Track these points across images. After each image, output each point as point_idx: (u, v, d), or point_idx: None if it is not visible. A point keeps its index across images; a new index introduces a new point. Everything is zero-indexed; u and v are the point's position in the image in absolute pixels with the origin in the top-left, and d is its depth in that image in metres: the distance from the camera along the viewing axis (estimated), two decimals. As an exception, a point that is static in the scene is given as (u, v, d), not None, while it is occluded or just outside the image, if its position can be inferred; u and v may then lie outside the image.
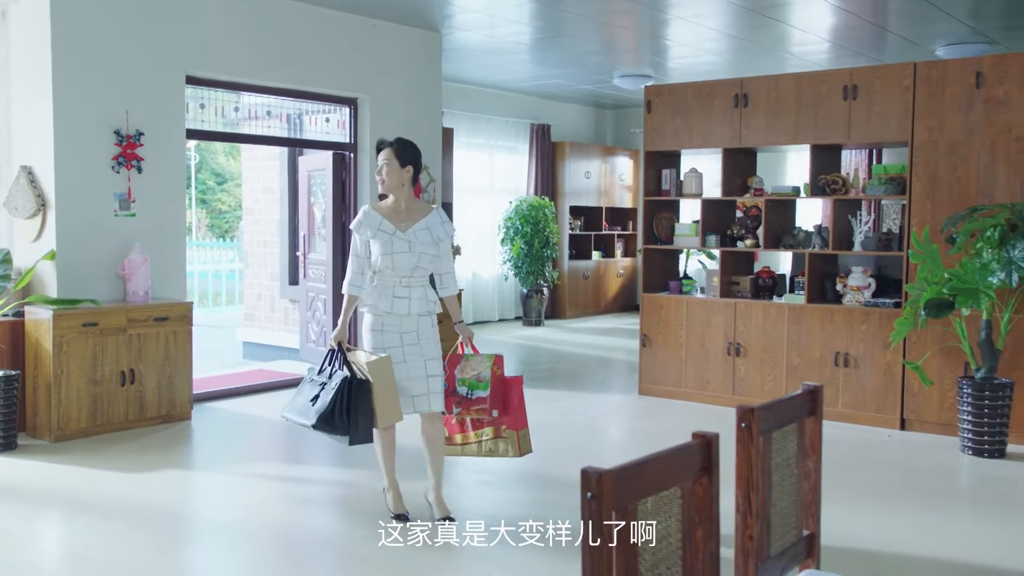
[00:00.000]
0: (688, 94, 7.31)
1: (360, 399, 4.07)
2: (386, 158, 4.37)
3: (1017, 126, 5.89)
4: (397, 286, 4.25)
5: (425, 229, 4.34)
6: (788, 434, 2.47)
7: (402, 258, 4.24)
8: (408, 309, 4.26)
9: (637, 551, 1.78)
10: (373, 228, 4.28)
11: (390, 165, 4.36)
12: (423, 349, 4.29)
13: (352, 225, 4.35)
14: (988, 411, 5.62)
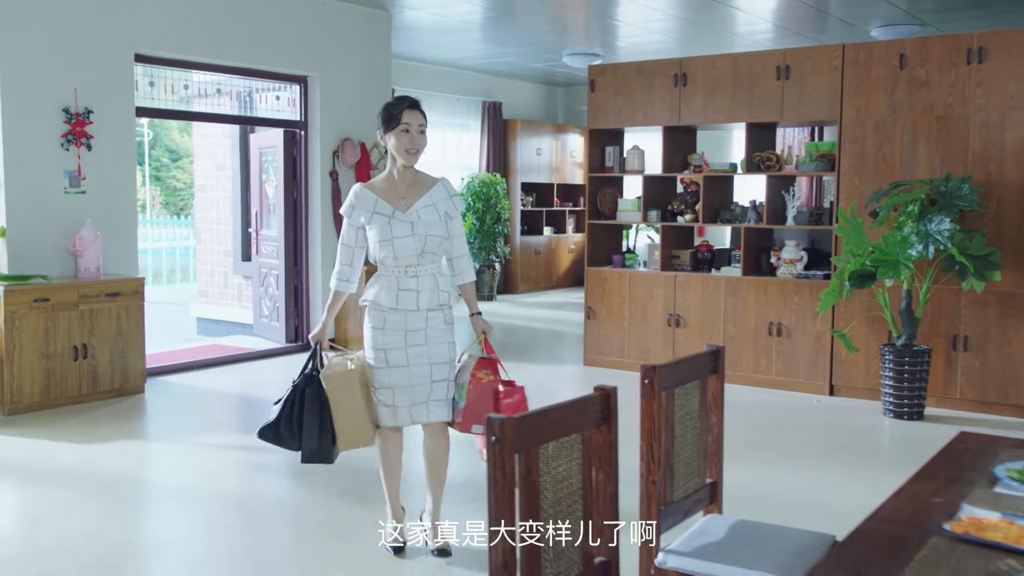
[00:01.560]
0: (630, 73, 7.52)
1: (312, 410, 3.50)
2: (421, 121, 3.58)
3: (937, 106, 6.19)
4: (402, 276, 3.55)
5: (430, 206, 3.59)
6: (691, 390, 2.71)
7: (404, 243, 3.52)
8: (416, 303, 3.56)
9: (539, 489, 2.00)
10: (367, 211, 3.56)
11: (424, 130, 3.60)
12: (430, 351, 3.60)
13: (342, 210, 3.64)
14: (908, 376, 5.94)
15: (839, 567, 1.70)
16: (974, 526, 1.85)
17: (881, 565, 1.71)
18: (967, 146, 6.08)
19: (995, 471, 2.22)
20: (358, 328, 8.21)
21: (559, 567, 2.07)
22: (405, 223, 3.54)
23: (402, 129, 3.52)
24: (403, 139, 3.53)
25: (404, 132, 3.52)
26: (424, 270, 3.57)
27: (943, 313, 6.19)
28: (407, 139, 3.53)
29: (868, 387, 6.46)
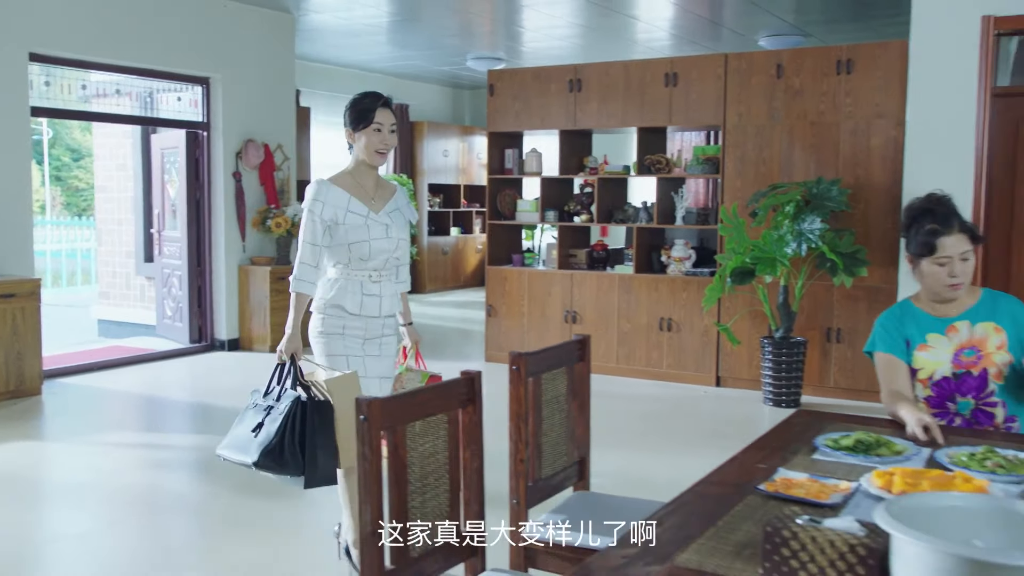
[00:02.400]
0: (528, 79, 7.78)
1: (320, 427, 3.15)
2: (393, 120, 3.41)
3: (811, 113, 6.60)
4: (367, 281, 3.41)
5: (396, 210, 3.50)
6: (558, 376, 2.94)
7: (380, 245, 3.38)
8: (379, 309, 3.44)
9: (406, 464, 2.20)
10: (341, 208, 3.34)
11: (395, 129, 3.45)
12: (382, 364, 3.51)
13: (306, 204, 3.35)
14: (785, 366, 6.33)
15: (659, 520, 1.94)
16: (784, 485, 2.11)
17: (699, 517, 1.96)
18: (838, 151, 6.51)
19: (815, 441, 2.51)
20: (263, 329, 8.29)
21: (427, 536, 2.27)
22: (381, 225, 3.41)
23: (374, 128, 3.34)
24: (374, 138, 3.35)
25: (376, 131, 3.34)
26: (387, 275, 3.47)
27: (817, 307, 6.61)
28: (378, 139, 3.35)
29: (751, 378, 6.84)
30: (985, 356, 2.78)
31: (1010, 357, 2.77)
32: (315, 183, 3.38)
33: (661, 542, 1.82)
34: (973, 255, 2.81)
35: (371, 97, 3.36)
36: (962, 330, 2.84)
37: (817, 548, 1.60)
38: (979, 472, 2.20)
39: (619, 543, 1.81)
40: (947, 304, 2.88)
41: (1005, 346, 2.78)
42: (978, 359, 2.79)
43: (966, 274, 2.79)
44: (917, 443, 2.49)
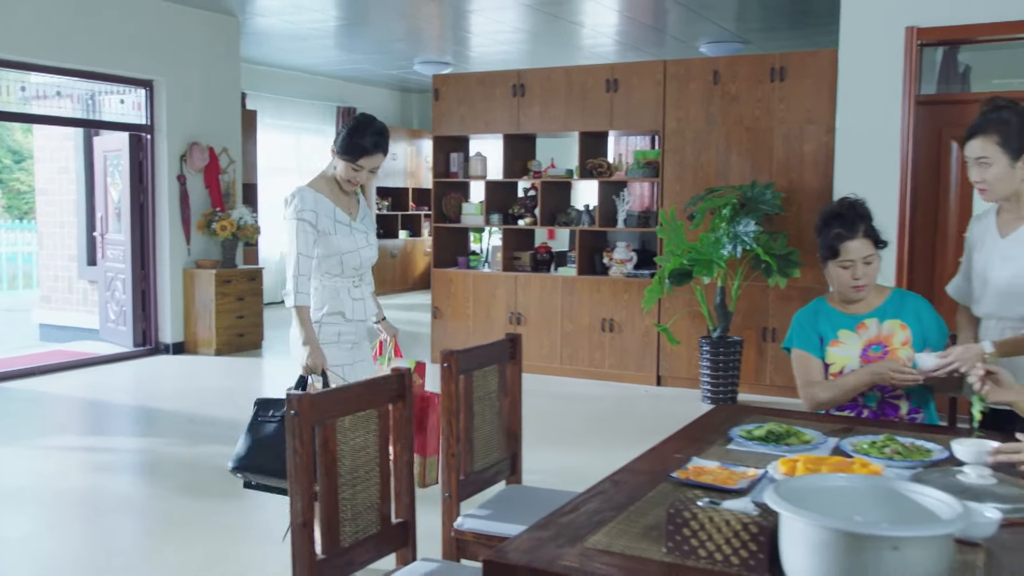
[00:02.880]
0: (472, 83, 7.88)
1: None
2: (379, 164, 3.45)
3: (747, 118, 6.79)
4: (352, 287, 3.50)
5: (367, 216, 3.60)
6: (490, 374, 3.04)
7: (366, 253, 3.50)
8: (365, 313, 3.55)
9: (336, 458, 2.28)
10: (329, 218, 3.37)
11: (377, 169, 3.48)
12: (367, 366, 3.62)
13: (296, 214, 3.33)
14: (722, 365, 6.50)
15: (575, 507, 2.05)
16: (695, 473, 2.24)
17: (614, 504, 2.07)
18: (772, 156, 6.71)
19: (730, 432, 2.64)
20: (208, 332, 8.27)
21: (357, 526, 2.35)
22: (362, 233, 3.49)
23: (354, 167, 3.38)
24: (350, 174, 3.39)
25: (355, 170, 3.39)
26: (365, 280, 3.56)
27: (753, 307, 6.80)
28: (354, 176, 3.40)
29: (690, 376, 7.01)
30: (891, 351, 2.94)
31: (914, 353, 2.93)
32: (301, 192, 3.37)
33: (574, 526, 1.92)
34: (877, 259, 2.97)
35: (372, 141, 3.35)
36: (871, 327, 3.00)
37: (714, 527, 1.72)
38: (878, 458, 2.34)
39: (534, 528, 1.92)
40: (857, 303, 3.03)
41: (910, 342, 2.94)
42: (884, 354, 2.94)
43: (869, 276, 2.95)
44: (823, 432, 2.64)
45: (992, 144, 2.72)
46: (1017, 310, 2.78)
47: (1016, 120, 2.70)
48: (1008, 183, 2.74)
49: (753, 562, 1.68)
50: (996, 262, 2.84)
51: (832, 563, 1.50)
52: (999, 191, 2.77)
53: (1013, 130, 2.70)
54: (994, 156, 2.72)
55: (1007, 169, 2.72)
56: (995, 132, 2.71)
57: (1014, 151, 2.70)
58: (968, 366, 2.60)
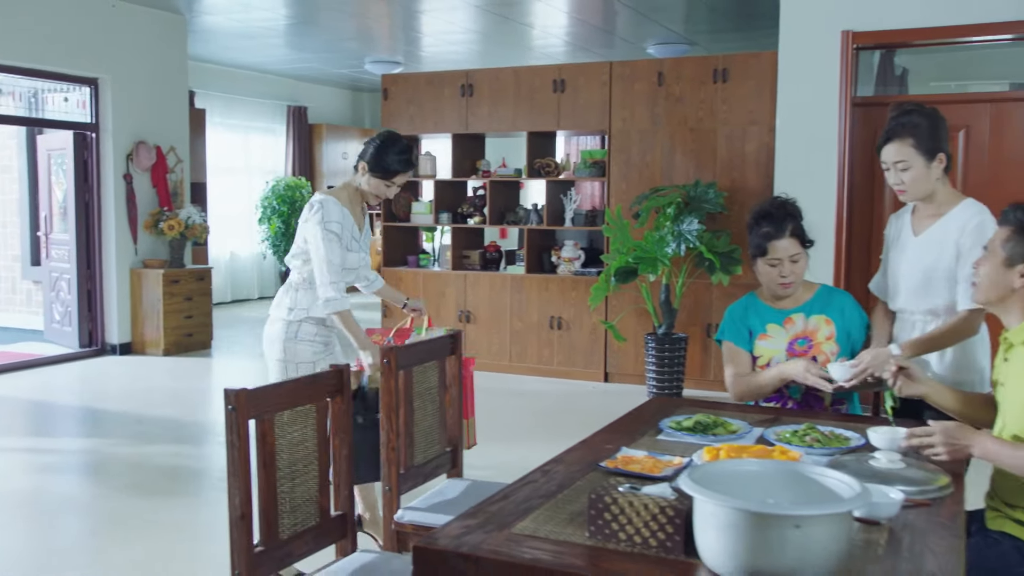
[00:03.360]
0: (421, 83, 7.93)
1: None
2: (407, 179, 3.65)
3: (691, 119, 6.92)
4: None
5: (367, 229, 3.75)
6: (430, 369, 3.10)
7: (366, 263, 3.70)
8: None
9: (274, 451, 2.33)
10: (347, 231, 3.50)
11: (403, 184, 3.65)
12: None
13: (327, 225, 3.41)
14: (668, 361, 6.63)
15: (505, 496, 2.12)
16: (624, 462, 2.32)
17: (543, 492, 2.14)
18: (715, 155, 6.85)
19: (661, 423, 2.73)
20: (156, 332, 8.22)
21: (296, 518, 2.40)
22: (365, 243, 3.66)
23: (387, 184, 3.53)
24: (381, 190, 3.55)
25: (387, 186, 3.54)
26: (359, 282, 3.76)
27: (698, 304, 6.93)
28: (385, 192, 3.56)
29: (636, 373, 7.13)
30: (815, 346, 3.06)
31: (838, 347, 3.05)
32: (331, 204, 3.44)
33: (503, 513, 1.99)
34: (804, 257, 3.07)
35: (403, 159, 3.48)
36: (797, 322, 3.11)
37: (634, 511, 1.81)
38: (798, 446, 2.45)
39: (464, 516, 1.99)
40: (785, 298, 3.14)
41: (834, 337, 3.06)
42: (809, 348, 3.06)
43: (796, 274, 3.05)
44: (749, 422, 2.74)
45: (907, 147, 2.84)
46: (926, 305, 2.91)
47: (926, 122, 2.83)
48: (926, 183, 2.87)
49: (670, 543, 1.77)
50: (909, 259, 2.96)
51: (740, 541, 1.59)
52: (918, 191, 2.89)
53: (924, 132, 2.83)
54: (911, 158, 2.84)
55: (924, 170, 2.85)
56: (909, 135, 2.83)
57: (928, 151, 2.83)
58: (879, 370, 2.72)
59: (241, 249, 12.42)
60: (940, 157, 2.85)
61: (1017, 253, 2.28)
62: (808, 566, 1.57)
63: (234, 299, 12.21)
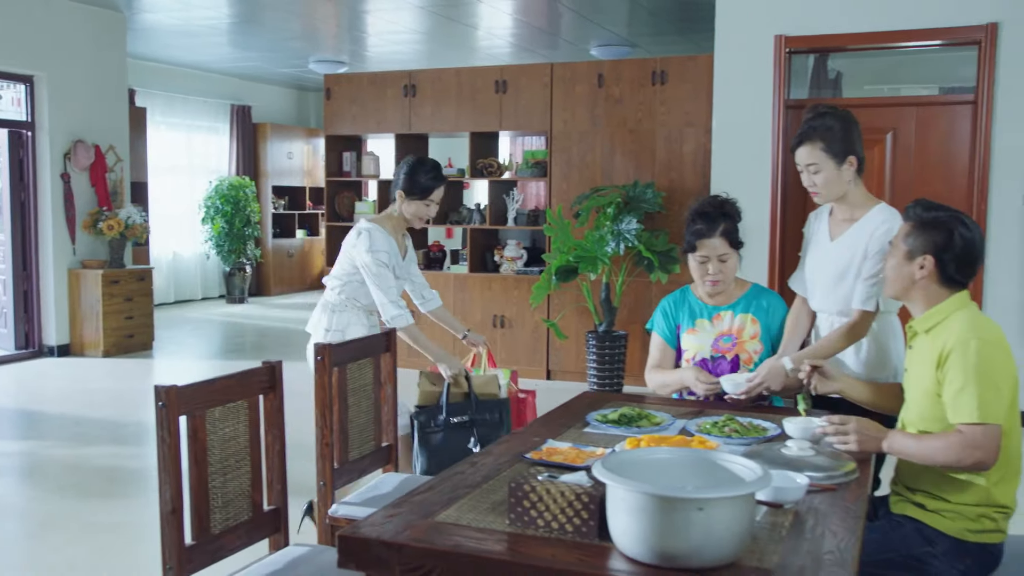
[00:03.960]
0: (363, 83, 7.95)
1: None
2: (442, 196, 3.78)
3: (630, 120, 7.05)
4: (366, 316, 3.84)
5: (411, 256, 3.91)
6: (365, 366, 3.15)
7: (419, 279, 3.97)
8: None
9: (206, 447, 2.36)
10: (394, 260, 3.69)
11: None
12: None
13: (376, 255, 3.60)
14: (608, 358, 6.73)
15: (431, 487, 2.19)
16: (548, 453, 2.39)
17: (469, 483, 2.21)
18: (654, 156, 6.98)
19: (588, 416, 2.81)
20: (95, 334, 8.12)
21: (228, 513, 2.44)
22: (411, 265, 3.86)
23: (426, 203, 3.69)
24: (422, 211, 3.71)
25: (426, 205, 3.69)
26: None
27: (637, 302, 7.06)
28: (426, 212, 3.71)
29: (578, 370, 7.23)
30: (739, 344, 3.16)
31: (761, 347, 3.15)
32: (378, 233, 3.62)
33: (428, 503, 2.06)
34: (734, 257, 3.15)
35: (433, 175, 3.66)
36: (725, 319, 3.21)
37: (551, 499, 1.88)
38: (717, 436, 2.55)
39: (390, 506, 2.04)
40: (717, 295, 3.23)
41: (758, 336, 3.16)
42: (733, 346, 3.16)
43: (724, 273, 3.14)
44: (673, 415, 2.84)
45: (818, 150, 2.91)
46: (839, 307, 3.01)
47: (839, 125, 2.91)
48: (837, 185, 2.96)
49: (585, 528, 1.84)
50: (823, 263, 3.05)
51: (648, 524, 1.67)
52: (829, 193, 2.99)
53: (836, 135, 2.91)
54: (821, 161, 2.92)
55: (834, 172, 2.93)
56: (819, 138, 2.91)
57: (838, 154, 2.91)
58: (775, 384, 2.86)
59: (184, 249, 12.30)
60: (850, 160, 2.90)
61: (917, 246, 2.40)
62: (712, 546, 1.66)
63: (177, 300, 12.09)
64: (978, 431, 2.19)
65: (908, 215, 2.46)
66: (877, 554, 2.30)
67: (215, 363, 8.17)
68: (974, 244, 2.36)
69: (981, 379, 2.21)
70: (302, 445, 3.70)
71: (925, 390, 2.36)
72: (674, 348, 3.25)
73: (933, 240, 2.37)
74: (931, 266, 2.37)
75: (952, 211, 2.40)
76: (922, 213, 2.41)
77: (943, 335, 2.33)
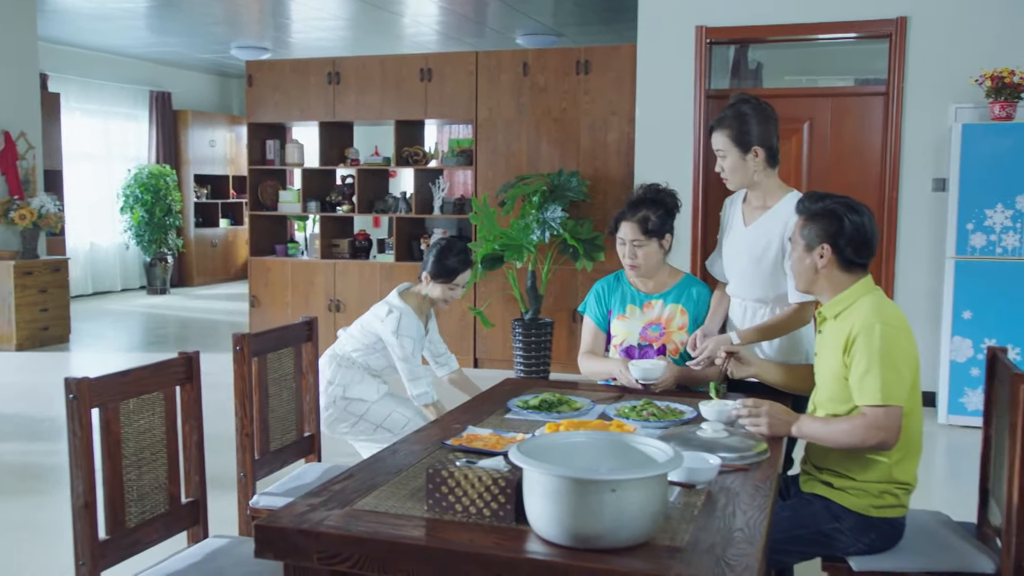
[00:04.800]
0: (286, 70, 7.83)
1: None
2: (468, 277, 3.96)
3: (555, 109, 7.09)
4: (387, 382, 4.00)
5: (433, 333, 4.07)
6: (285, 356, 3.12)
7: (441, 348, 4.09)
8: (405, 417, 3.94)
9: (120, 440, 2.32)
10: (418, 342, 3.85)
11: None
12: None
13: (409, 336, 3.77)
14: (535, 346, 6.78)
15: (350, 475, 2.19)
16: (468, 439, 2.41)
17: (389, 470, 2.21)
18: (579, 145, 7.03)
19: (509, 403, 2.84)
20: (7, 327, 7.86)
21: (144, 506, 2.40)
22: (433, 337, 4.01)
23: (451, 287, 3.82)
24: (448, 294, 3.84)
25: (451, 289, 3.83)
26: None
27: (563, 290, 7.12)
28: (451, 295, 3.85)
29: (505, 358, 7.27)
30: (667, 334, 3.20)
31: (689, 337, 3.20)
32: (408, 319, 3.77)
33: (347, 492, 2.05)
34: (651, 246, 3.17)
35: (461, 259, 3.80)
36: (656, 308, 3.24)
37: (469, 484, 1.90)
38: (635, 420, 2.60)
39: (308, 495, 2.04)
40: (649, 281, 3.26)
41: (686, 328, 3.19)
42: (660, 335, 3.20)
43: (639, 259, 3.16)
44: (593, 400, 2.88)
45: (725, 137, 2.98)
46: (754, 293, 3.09)
47: (752, 116, 2.97)
48: (742, 174, 3.02)
49: (502, 512, 1.87)
50: (738, 249, 3.12)
51: (563, 506, 1.70)
52: (736, 181, 3.05)
53: (746, 126, 2.96)
54: (727, 149, 2.99)
55: (739, 160, 2.99)
56: (727, 127, 2.98)
57: (744, 145, 2.97)
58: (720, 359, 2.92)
59: (102, 239, 11.97)
60: (756, 150, 2.95)
61: (813, 237, 2.47)
62: (625, 526, 1.70)
63: (95, 291, 11.78)
64: (880, 413, 2.28)
65: (799, 209, 2.54)
66: (788, 531, 2.38)
67: (135, 355, 7.99)
68: (864, 226, 2.44)
69: (884, 362, 2.29)
70: (223, 437, 3.65)
71: (834, 374, 2.44)
72: (605, 332, 3.28)
73: (826, 229, 2.45)
74: (829, 253, 2.45)
75: (839, 198, 2.49)
76: (811, 205, 2.50)
77: (850, 320, 2.41)
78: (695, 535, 1.80)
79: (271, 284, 7.91)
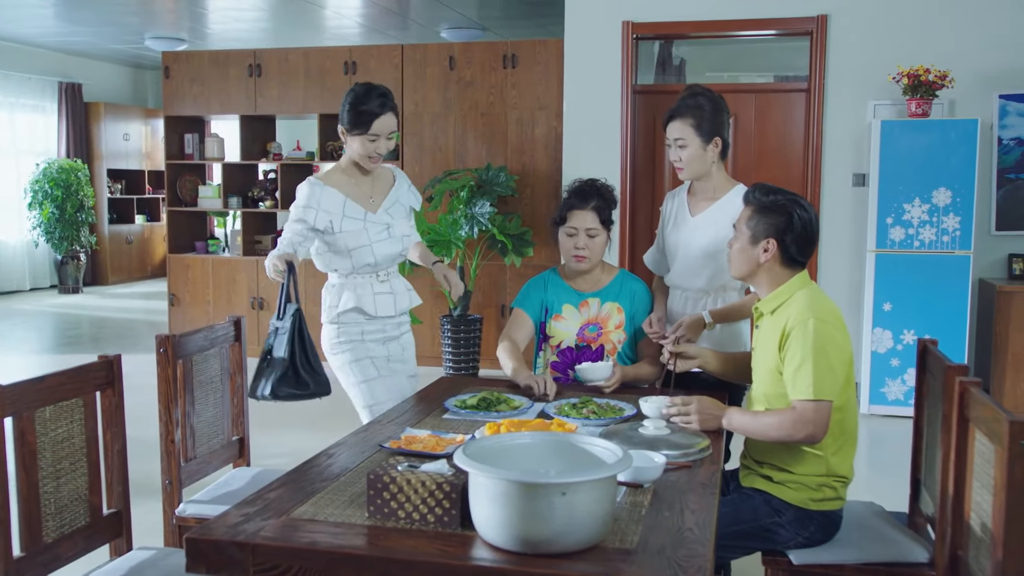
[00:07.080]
0: (205, 62, 7.61)
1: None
2: (393, 128, 3.21)
3: (482, 103, 7.03)
4: (375, 282, 3.22)
5: (396, 203, 3.28)
6: (211, 357, 3.00)
7: (383, 249, 3.18)
8: (395, 308, 3.28)
9: (36, 451, 2.19)
10: (335, 214, 3.10)
11: (393, 134, 3.22)
12: (407, 365, 3.43)
13: (298, 211, 3.10)
14: (464, 342, 6.72)
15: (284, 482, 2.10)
16: (407, 442, 2.34)
17: (325, 475, 2.13)
18: (507, 139, 6.99)
19: (446, 402, 2.78)
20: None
21: (63, 520, 2.27)
22: (381, 225, 3.18)
23: (369, 138, 3.12)
24: (368, 147, 3.13)
25: (371, 141, 3.13)
26: (394, 271, 3.30)
27: (492, 286, 7.07)
28: (372, 147, 3.14)
29: (434, 355, 7.19)
30: (604, 333, 3.17)
31: (625, 336, 3.17)
32: (308, 185, 3.13)
33: (282, 499, 1.97)
34: (603, 235, 3.13)
35: (374, 102, 3.12)
36: (592, 306, 3.20)
37: (412, 489, 1.84)
38: (576, 418, 2.56)
39: (241, 504, 1.95)
40: (584, 279, 3.22)
41: (623, 326, 3.17)
42: (598, 335, 3.17)
43: (591, 249, 3.12)
44: (532, 398, 2.84)
45: (687, 127, 3.01)
46: (699, 283, 3.10)
47: (710, 106, 3.01)
48: (701, 163, 3.05)
49: (447, 518, 1.81)
50: (685, 239, 3.13)
51: (511, 511, 1.65)
52: (693, 170, 3.07)
53: (707, 115, 3.00)
54: (688, 138, 3.01)
55: (700, 150, 3.02)
56: (690, 116, 3.00)
57: (706, 134, 3.01)
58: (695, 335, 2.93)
59: (9, 236, 11.49)
60: (716, 141, 3.02)
61: (760, 230, 2.48)
62: (575, 529, 1.66)
63: (2, 291, 11.29)
64: (810, 407, 2.29)
65: (748, 199, 2.55)
66: (729, 525, 2.37)
67: (48, 358, 7.68)
68: (811, 224, 2.47)
69: (817, 357, 2.31)
70: (144, 441, 3.51)
71: (769, 368, 2.45)
72: (535, 323, 3.22)
73: (775, 223, 2.45)
74: (774, 249, 2.46)
75: (789, 194, 2.50)
76: (761, 197, 2.50)
77: (785, 314, 2.42)
78: (644, 536, 1.77)
79: (191, 282, 7.68)
